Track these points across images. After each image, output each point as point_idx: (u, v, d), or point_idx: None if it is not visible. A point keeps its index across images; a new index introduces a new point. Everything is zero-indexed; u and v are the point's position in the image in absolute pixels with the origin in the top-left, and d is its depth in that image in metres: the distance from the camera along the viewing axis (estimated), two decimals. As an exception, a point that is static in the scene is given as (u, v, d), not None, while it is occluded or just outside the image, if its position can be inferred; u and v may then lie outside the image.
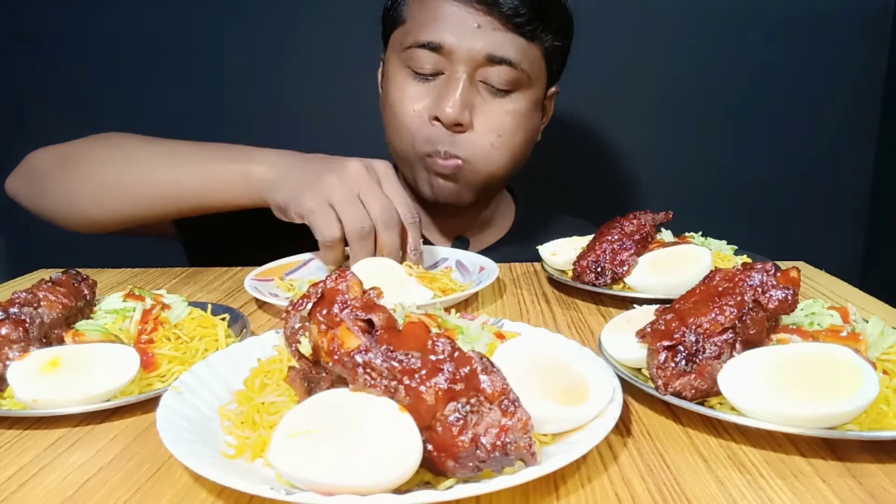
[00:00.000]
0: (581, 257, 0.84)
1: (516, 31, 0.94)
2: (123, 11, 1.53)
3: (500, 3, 0.92)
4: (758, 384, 0.47)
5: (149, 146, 0.94)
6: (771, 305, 0.52)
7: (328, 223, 0.79)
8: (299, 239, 0.93)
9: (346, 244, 0.82)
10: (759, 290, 0.53)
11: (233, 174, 0.87)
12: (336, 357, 0.42)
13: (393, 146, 1.04)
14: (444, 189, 1.01)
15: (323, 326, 0.44)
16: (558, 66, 1.06)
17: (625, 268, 0.81)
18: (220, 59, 1.55)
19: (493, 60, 0.94)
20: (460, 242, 1.12)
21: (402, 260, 0.84)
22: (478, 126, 0.97)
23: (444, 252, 0.97)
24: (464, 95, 0.95)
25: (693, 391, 0.50)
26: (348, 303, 0.45)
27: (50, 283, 0.63)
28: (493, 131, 0.98)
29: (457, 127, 0.96)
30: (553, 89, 1.08)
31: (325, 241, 0.80)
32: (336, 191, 0.79)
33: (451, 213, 1.09)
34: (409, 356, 0.40)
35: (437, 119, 0.96)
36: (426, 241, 1.10)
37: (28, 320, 0.57)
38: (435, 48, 0.94)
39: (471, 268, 0.91)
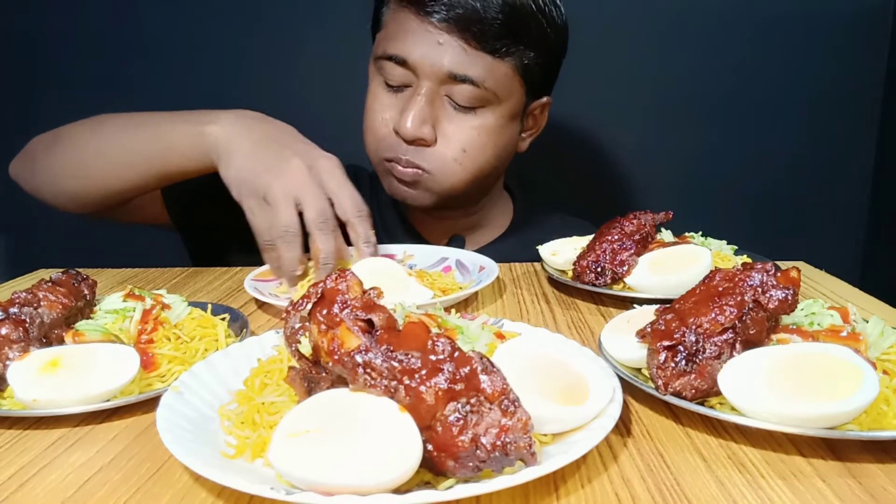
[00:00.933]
0: (581, 257, 0.84)
1: (482, 49, 0.92)
2: (124, 10, 1.53)
3: (463, 21, 0.91)
4: (758, 384, 0.47)
5: (120, 120, 0.95)
6: (771, 305, 0.52)
7: (264, 227, 0.80)
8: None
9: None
10: (759, 290, 0.53)
11: (187, 135, 0.86)
12: (336, 357, 0.42)
13: (365, 146, 1.05)
14: (403, 192, 1.01)
15: (323, 326, 0.44)
16: (542, 78, 1.03)
17: (625, 268, 0.81)
18: (221, 57, 1.55)
19: (456, 79, 0.93)
20: (456, 241, 1.12)
21: (348, 256, 0.84)
22: (442, 140, 0.96)
23: (445, 252, 0.97)
24: (424, 111, 0.94)
25: (693, 391, 0.50)
26: (348, 303, 0.45)
27: (50, 283, 0.62)
28: (459, 145, 0.97)
29: (418, 142, 0.96)
30: (543, 100, 1.06)
31: (261, 245, 0.82)
32: (272, 190, 0.79)
33: (444, 213, 1.09)
34: (409, 356, 0.40)
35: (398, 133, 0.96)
36: (423, 241, 1.10)
37: (28, 320, 0.57)
38: (401, 62, 0.94)
39: (471, 267, 0.91)
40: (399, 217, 1.13)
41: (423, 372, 0.40)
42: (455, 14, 0.91)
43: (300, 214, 0.80)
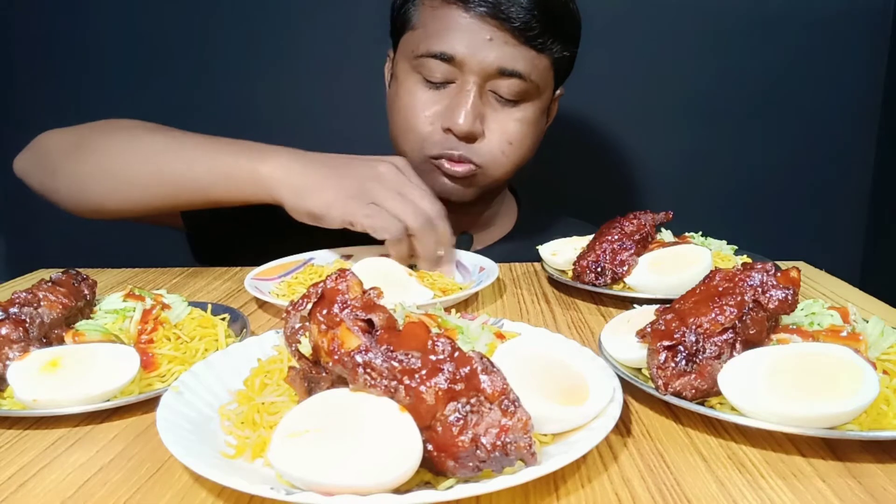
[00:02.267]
0: (581, 257, 0.84)
1: (527, 43, 0.95)
2: (124, 9, 1.53)
3: (511, 17, 0.93)
4: (758, 384, 0.47)
5: (159, 136, 0.94)
6: (771, 305, 0.52)
7: (390, 222, 0.82)
8: (305, 237, 0.93)
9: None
10: (759, 290, 0.53)
11: (241, 170, 0.87)
12: (336, 357, 0.42)
13: (399, 147, 1.04)
14: (451, 188, 1.02)
15: (323, 326, 0.44)
16: (565, 71, 1.07)
17: (625, 268, 0.81)
18: (222, 56, 1.55)
19: (504, 73, 0.95)
20: (464, 238, 1.12)
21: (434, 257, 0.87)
22: (489, 134, 0.98)
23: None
24: (475, 107, 0.96)
25: (693, 391, 0.50)
26: (348, 303, 0.45)
27: (50, 283, 0.62)
28: (505, 139, 0.99)
29: (468, 137, 0.97)
30: (559, 91, 1.09)
31: (393, 238, 0.82)
32: (382, 194, 0.83)
33: (454, 210, 1.09)
34: (409, 356, 0.40)
35: (448, 130, 0.97)
36: None
37: (28, 320, 0.57)
38: (447, 59, 0.95)
39: (470, 268, 0.91)
40: None
41: (423, 372, 0.40)
42: (502, 10, 0.93)
43: None
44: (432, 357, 0.40)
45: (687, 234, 0.90)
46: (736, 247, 0.91)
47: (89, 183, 0.94)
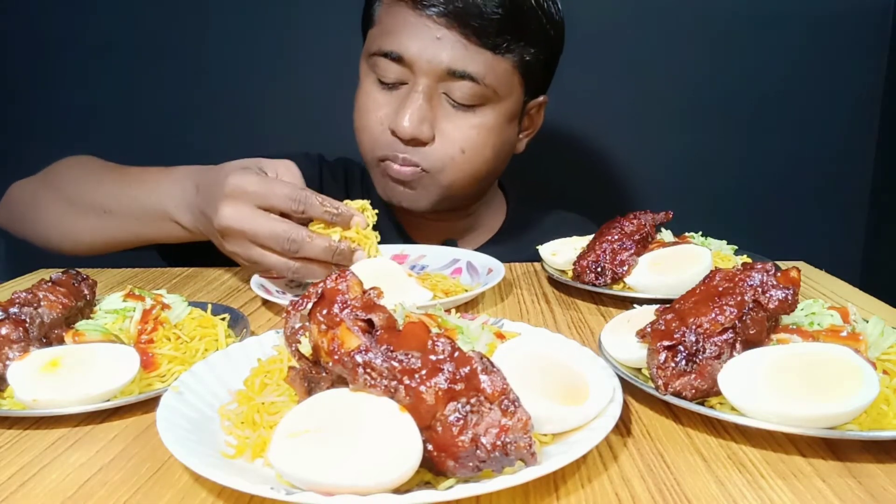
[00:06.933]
0: (581, 257, 0.84)
1: (481, 44, 0.90)
2: (122, 10, 1.53)
3: (463, 15, 0.88)
4: (758, 384, 0.47)
5: (94, 184, 0.95)
6: (771, 305, 0.52)
7: (274, 263, 0.75)
8: None
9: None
10: (759, 290, 0.53)
11: (150, 208, 0.86)
12: (336, 357, 0.42)
13: (359, 147, 1.02)
14: (399, 193, 0.99)
15: (323, 326, 0.44)
16: (541, 77, 1.01)
17: (625, 268, 0.81)
18: (219, 58, 1.55)
19: (455, 75, 0.90)
20: (449, 244, 1.10)
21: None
22: (440, 139, 0.94)
23: (456, 253, 0.96)
24: (422, 110, 0.92)
25: (693, 391, 0.50)
26: (348, 303, 0.45)
27: (50, 283, 0.62)
28: (457, 145, 0.94)
29: (415, 141, 0.93)
30: (540, 99, 1.04)
31: (284, 270, 0.76)
32: (243, 225, 0.73)
33: (436, 216, 1.06)
34: (409, 356, 0.40)
35: (395, 132, 0.94)
36: (414, 244, 1.09)
37: (28, 320, 0.57)
38: (396, 59, 0.92)
39: (480, 270, 0.90)
40: (390, 220, 1.11)
41: (423, 372, 0.40)
42: (454, 8, 0.89)
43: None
44: (432, 357, 0.40)
45: (687, 234, 0.90)
46: (736, 247, 0.91)
47: (45, 231, 0.98)
